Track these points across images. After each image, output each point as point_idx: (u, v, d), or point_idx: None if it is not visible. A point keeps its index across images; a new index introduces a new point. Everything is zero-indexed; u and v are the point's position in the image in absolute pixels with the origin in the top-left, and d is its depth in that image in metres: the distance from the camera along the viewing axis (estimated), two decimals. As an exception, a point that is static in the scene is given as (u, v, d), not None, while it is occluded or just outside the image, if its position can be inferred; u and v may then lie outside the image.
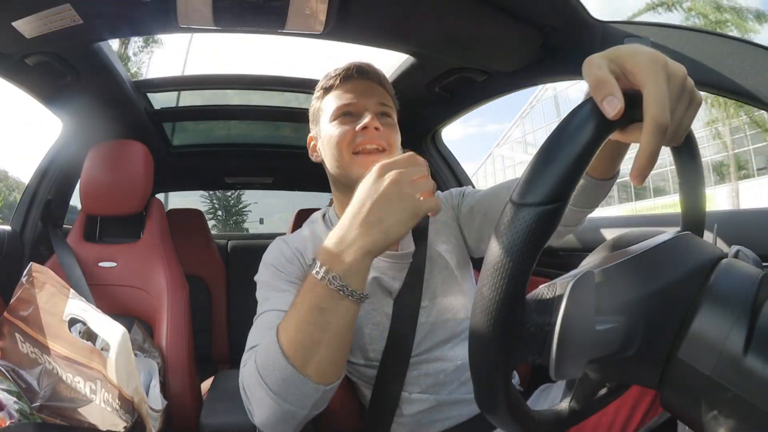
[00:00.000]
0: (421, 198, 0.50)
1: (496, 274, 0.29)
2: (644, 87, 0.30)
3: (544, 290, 0.33)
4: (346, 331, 0.51)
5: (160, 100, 1.42)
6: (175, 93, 1.45)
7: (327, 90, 0.75)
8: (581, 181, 0.56)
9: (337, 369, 0.53)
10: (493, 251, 0.30)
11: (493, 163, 27.71)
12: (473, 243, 0.79)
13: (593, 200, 0.60)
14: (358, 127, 0.69)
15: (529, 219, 0.28)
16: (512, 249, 0.29)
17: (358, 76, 0.73)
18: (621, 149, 0.51)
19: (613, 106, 0.29)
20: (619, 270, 0.34)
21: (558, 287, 0.33)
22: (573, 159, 0.29)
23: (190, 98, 1.49)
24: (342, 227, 0.51)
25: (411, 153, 0.53)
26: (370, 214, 0.50)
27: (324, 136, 0.73)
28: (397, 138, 0.73)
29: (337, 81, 0.73)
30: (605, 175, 0.56)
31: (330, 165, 0.73)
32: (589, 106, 0.31)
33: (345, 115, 0.71)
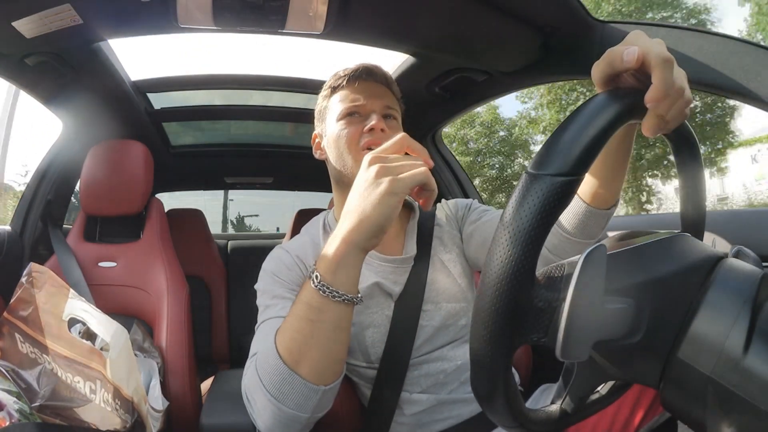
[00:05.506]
0: (403, 175, 0.48)
1: (508, 244, 0.29)
2: (638, 44, 0.34)
3: (554, 268, 0.33)
4: (337, 332, 0.51)
5: (160, 100, 1.42)
6: (175, 93, 1.45)
7: (334, 89, 0.75)
8: (582, 209, 0.58)
9: (333, 369, 0.53)
10: (506, 220, 0.29)
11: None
12: (471, 261, 0.80)
13: (593, 231, 0.60)
14: (365, 128, 0.70)
15: (544, 189, 0.28)
16: (525, 219, 0.28)
17: (365, 77, 0.73)
18: (618, 172, 0.54)
19: (631, 52, 0.33)
20: (625, 255, 0.34)
21: (568, 265, 0.33)
22: (590, 136, 0.30)
23: (190, 98, 1.49)
24: (337, 227, 0.51)
25: (401, 135, 0.52)
26: (354, 205, 0.49)
27: (330, 135, 0.74)
28: None
29: (345, 81, 0.74)
30: (604, 204, 0.57)
31: (335, 163, 0.73)
32: (605, 94, 0.33)
33: (351, 115, 0.72)
